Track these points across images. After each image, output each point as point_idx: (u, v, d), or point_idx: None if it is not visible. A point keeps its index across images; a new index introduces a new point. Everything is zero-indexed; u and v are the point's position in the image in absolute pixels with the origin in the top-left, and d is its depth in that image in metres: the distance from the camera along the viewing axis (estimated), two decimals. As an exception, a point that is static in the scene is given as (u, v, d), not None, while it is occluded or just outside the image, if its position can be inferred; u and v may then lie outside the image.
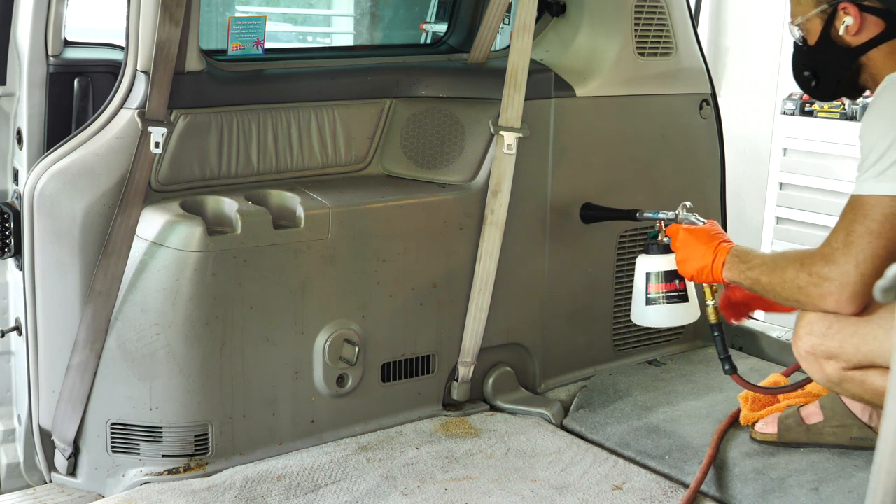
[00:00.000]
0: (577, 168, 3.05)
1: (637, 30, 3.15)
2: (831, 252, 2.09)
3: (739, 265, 2.31)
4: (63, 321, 2.45)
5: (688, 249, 2.43)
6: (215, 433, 2.52)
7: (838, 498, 2.33)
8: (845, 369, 2.18)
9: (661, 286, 2.55)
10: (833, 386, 2.26)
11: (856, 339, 2.14)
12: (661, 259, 2.55)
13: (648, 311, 2.58)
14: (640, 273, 2.59)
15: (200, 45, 2.57)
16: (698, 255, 2.39)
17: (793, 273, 2.15)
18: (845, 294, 2.07)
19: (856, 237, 2.05)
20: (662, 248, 2.55)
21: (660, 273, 2.55)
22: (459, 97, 2.96)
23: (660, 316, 2.58)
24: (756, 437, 2.61)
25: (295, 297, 2.59)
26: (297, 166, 2.75)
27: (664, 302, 2.55)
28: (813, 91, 2.45)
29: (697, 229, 2.45)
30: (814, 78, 2.41)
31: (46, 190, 2.39)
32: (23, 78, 2.52)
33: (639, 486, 2.45)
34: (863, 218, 2.05)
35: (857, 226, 2.06)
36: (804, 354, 2.24)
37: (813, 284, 2.11)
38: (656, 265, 2.56)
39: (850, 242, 2.06)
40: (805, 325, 2.22)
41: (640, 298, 2.59)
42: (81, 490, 2.54)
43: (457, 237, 2.84)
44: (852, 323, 2.14)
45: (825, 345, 2.18)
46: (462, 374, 2.90)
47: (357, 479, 2.48)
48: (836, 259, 2.07)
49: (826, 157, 5.06)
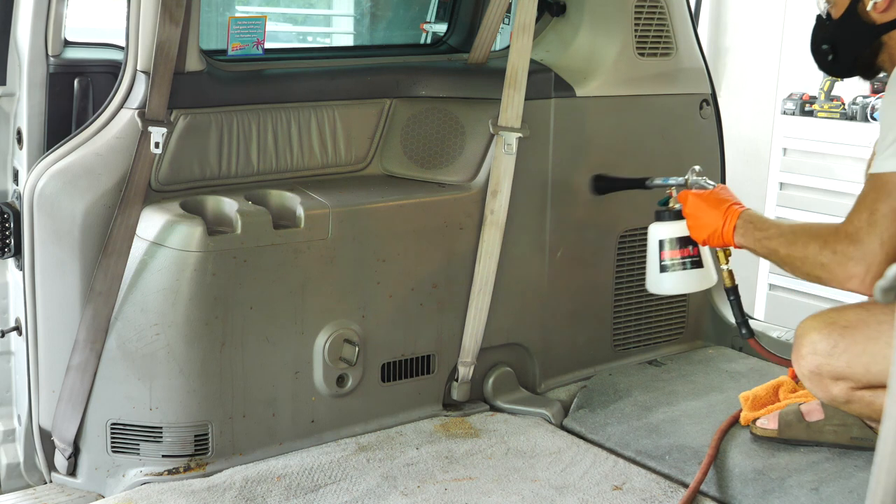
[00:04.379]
0: (577, 168, 3.05)
1: (637, 30, 3.15)
2: (855, 231, 2.05)
3: (754, 232, 2.28)
4: (63, 321, 2.45)
5: (698, 214, 2.41)
6: (215, 433, 2.52)
7: (838, 498, 2.33)
8: (853, 389, 2.15)
9: (675, 252, 2.52)
10: (838, 405, 2.23)
11: (865, 359, 2.09)
12: (673, 225, 2.52)
13: (664, 279, 2.55)
14: (653, 241, 2.56)
15: (200, 45, 2.57)
16: (709, 220, 2.38)
17: (815, 249, 2.12)
18: (871, 275, 2.03)
19: (880, 216, 2.02)
20: (674, 215, 2.52)
21: (673, 239, 2.52)
22: (459, 97, 2.96)
23: (675, 283, 2.55)
24: (756, 432, 2.61)
25: (295, 297, 2.59)
26: (297, 166, 2.75)
27: (679, 268, 2.52)
28: (829, 66, 2.43)
29: (707, 193, 2.44)
30: (832, 52, 2.37)
31: (46, 190, 2.39)
32: (23, 78, 2.52)
33: (639, 486, 2.45)
34: (886, 196, 2.02)
35: (880, 204, 2.03)
36: (808, 374, 2.20)
37: (837, 263, 2.07)
38: (669, 232, 2.53)
39: (874, 222, 2.03)
40: (808, 345, 2.18)
41: (654, 267, 2.56)
42: (81, 490, 2.54)
43: (457, 237, 2.84)
44: (859, 342, 2.10)
45: (831, 364, 2.14)
46: (462, 374, 2.90)
47: (357, 479, 2.47)
48: (860, 238, 2.04)
49: (826, 157, 5.06)
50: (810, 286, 4.73)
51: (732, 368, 3.20)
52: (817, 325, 2.19)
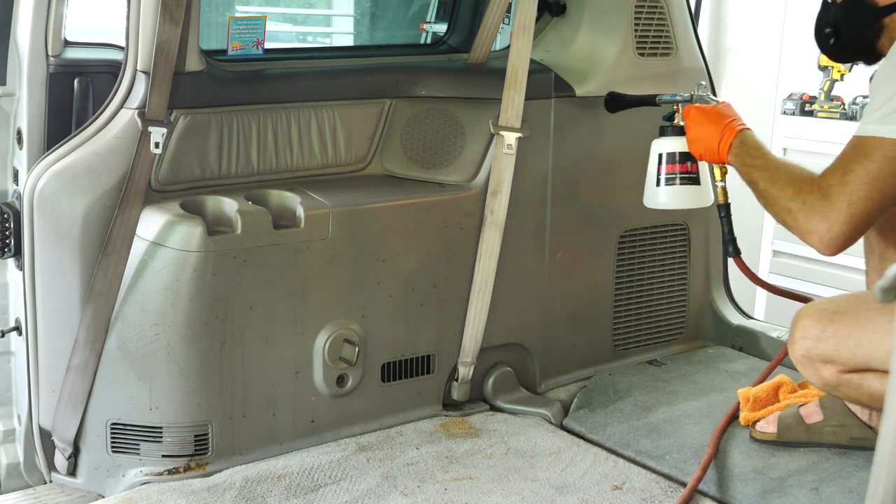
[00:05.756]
0: (577, 168, 3.05)
1: (637, 30, 3.15)
2: (827, 187, 2.08)
3: (745, 157, 2.30)
4: (63, 321, 2.45)
5: (697, 128, 2.42)
6: (215, 433, 2.52)
7: (838, 498, 2.33)
8: (842, 372, 2.19)
9: (673, 167, 2.53)
10: (830, 389, 2.27)
11: (851, 343, 2.14)
12: (674, 140, 2.53)
13: (660, 193, 2.56)
14: (654, 155, 2.57)
15: (200, 45, 2.57)
16: (707, 134, 2.39)
17: (789, 194, 2.14)
18: (831, 234, 2.06)
19: (853, 177, 2.04)
20: (677, 131, 2.53)
21: (673, 154, 2.53)
22: (459, 97, 2.95)
23: (670, 197, 2.56)
24: (756, 436, 2.61)
25: (295, 297, 2.59)
26: (297, 166, 2.75)
27: (676, 183, 2.53)
28: (831, 49, 2.43)
29: (709, 108, 2.44)
30: (834, 35, 2.37)
31: (46, 190, 2.39)
32: (23, 78, 2.52)
33: (639, 486, 2.45)
34: (862, 158, 2.05)
35: (855, 165, 2.05)
36: (800, 358, 2.25)
37: (803, 214, 2.10)
38: (669, 146, 2.54)
39: (846, 181, 2.05)
40: (800, 329, 2.24)
41: (651, 180, 2.58)
42: (81, 490, 2.54)
43: (457, 237, 2.84)
44: (847, 326, 2.15)
45: (820, 348, 2.20)
46: (462, 374, 2.90)
47: (357, 479, 2.47)
48: (830, 195, 2.06)
49: (826, 157, 5.01)
50: (810, 286, 4.74)
51: (732, 368, 3.20)
52: (809, 312, 2.26)
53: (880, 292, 0.99)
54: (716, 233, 3.42)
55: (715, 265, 3.45)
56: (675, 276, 3.35)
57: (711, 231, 3.40)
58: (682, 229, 3.34)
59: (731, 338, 3.42)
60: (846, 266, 4.47)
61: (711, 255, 3.43)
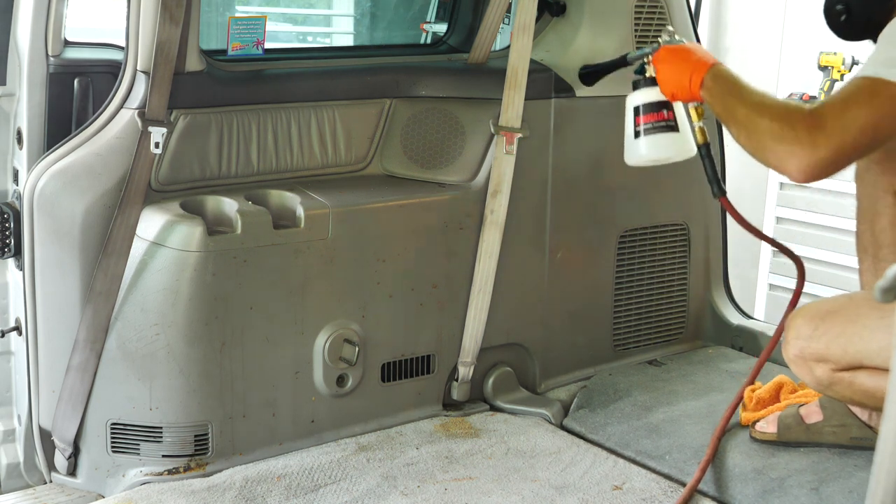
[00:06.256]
0: (577, 168, 3.05)
1: (637, 30, 3.15)
2: (821, 115, 1.98)
3: (719, 89, 2.21)
4: (63, 321, 2.45)
5: (667, 67, 2.35)
6: (215, 433, 2.52)
7: (838, 498, 2.33)
8: (834, 371, 2.20)
9: (649, 117, 2.42)
10: (824, 389, 2.28)
11: (842, 340, 2.15)
12: (647, 91, 2.43)
13: (638, 145, 2.45)
14: (629, 109, 2.47)
15: (200, 45, 2.57)
16: (676, 71, 2.31)
17: (775, 116, 2.04)
18: (810, 165, 1.97)
19: (851, 115, 1.96)
20: (649, 82, 2.43)
21: (648, 104, 2.43)
22: (459, 97, 2.95)
23: (650, 147, 2.44)
24: (756, 436, 2.61)
25: (295, 297, 2.59)
26: (297, 166, 2.75)
27: (653, 132, 2.42)
28: (841, 27, 2.38)
29: (678, 47, 2.36)
30: (845, 12, 2.34)
31: (46, 190, 2.39)
32: (23, 78, 2.52)
33: (639, 486, 2.45)
34: (867, 99, 1.97)
35: (859, 98, 1.98)
36: (793, 359, 2.26)
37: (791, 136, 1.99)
38: (643, 97, 2.44)
39: (846, 110, 1.97)
40: (793, 330, 2.24)
41: (630, 135, 2.47)
42: (81, 490, 2.54)
43: (457, 237, 2.84)
44: (838, 324, 2.16)
45: (812, 347, 2.21)
46: (462, 374, 2.90)
47: (357, 479, 2.47)
48: (824, 123, 1.97)
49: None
50: (810, 286, 4.72)
51: (732, 368, 3.20)
52: (803, 313, 2.28)
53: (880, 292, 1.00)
54: (716, 233, 3.43)
55: (715, 265, 3.45)
56: (675, 276, 3.35)
57: (711, 231, 3.40)
58: (682, 229, 3.34)
59: (731, 338, 3.42)
60: (846, 266, 4.47)
61: (711, 255, 3.43)
